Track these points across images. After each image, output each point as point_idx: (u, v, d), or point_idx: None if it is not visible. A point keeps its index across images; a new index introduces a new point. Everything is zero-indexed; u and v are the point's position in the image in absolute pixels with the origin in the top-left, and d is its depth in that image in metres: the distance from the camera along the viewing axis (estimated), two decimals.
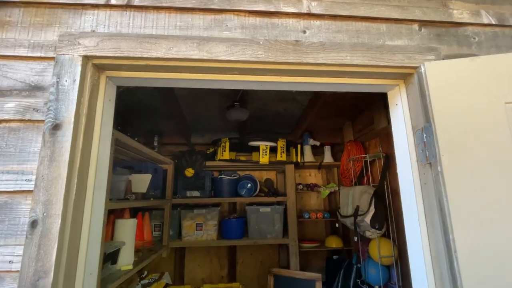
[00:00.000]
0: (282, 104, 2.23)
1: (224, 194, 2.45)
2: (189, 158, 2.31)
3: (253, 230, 2.37)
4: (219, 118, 2.54)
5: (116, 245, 1.32)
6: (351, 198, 1.86)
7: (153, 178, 2.00)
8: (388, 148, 2.01)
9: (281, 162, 2.31)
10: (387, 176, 1.96)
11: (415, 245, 0.74)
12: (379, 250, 1.77)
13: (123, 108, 2.25)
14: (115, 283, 1.23)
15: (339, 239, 2.67)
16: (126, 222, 1.50)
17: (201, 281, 2.82)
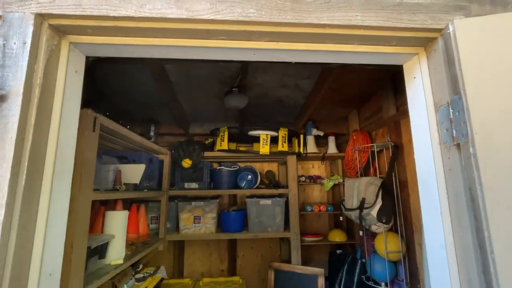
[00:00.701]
0: (284, 90, 2.10)
1: (223, 186, 2.35)
2: (186, 149, 2.21)
3: (253, 223, 2.28)
4: (218, 107, 2.43)
5: (104, 239, 1.24)
6: (357, 190, 1.75)
7: (148, 169, 1.91)
8: (397, 137, 1.88)
9: (282, 152, 2.20)
10: (395, 167, 1.84)
11: (435, 245, 0.63)
12: (386, 245, 1.66)
13: (116, 97, 2.15)
14: (101, 279, 1.14)
15: (342, 232, 2.57)
16: (116, 214, 1.41)
17: (200, 275, 2.76)
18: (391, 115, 1.90)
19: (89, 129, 1.06)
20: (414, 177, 1.80)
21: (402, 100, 1.85)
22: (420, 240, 1.68)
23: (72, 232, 0.96)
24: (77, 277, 0.97)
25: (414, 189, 1.75)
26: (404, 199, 1.81)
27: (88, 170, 1.05)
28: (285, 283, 2.12)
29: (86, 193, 1.03)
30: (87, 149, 1.04)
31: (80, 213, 1.00)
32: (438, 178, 0.62)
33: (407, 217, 1.78)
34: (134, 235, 1.80)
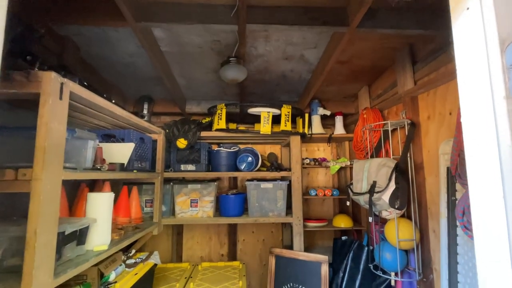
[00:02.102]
0: (288, 63, 1.89)
1: (222, 169, 2.20)
2: (181, 128, 2.04)
3: (253, 208, 2.15)
4: (215, 84, 2.23)
5: (83, 223, 1.11)
6: (367, 173, 1.58)
7: (139, 149, 1.76)
8: (414, 114, 1.68)
9: (285, 132, 2.02)
10: (410, 148, 1.65)
11: (494, 242, 0.47)
12: (398, 233, 1.51)
13: (105, 70, 1.97)
14: (79, 267, 1.02)
15: (348, 218, 2.43)
16: (99, 196, 1.27)
17: (200, 259, 2.68)
18: (408, 90, 1.69)
19: (54, 96, 0.89)
20: (432, 158, 1.63)
21: (421, 72, 1.64)
22: (435, 227, 1.53)
23: (35, 217, 0.82)
24: (44, 267, 0.84)
25: (431, 172, 1.57)
26: (419, 183, 1.64)
27: (55, 145, 0.89)
28: (287, 270, 2.02)
29: (52, 172, 0.88)
30: (53, 120, 0.88)
31: (46, 195, 0.85)
32: (501, 149, 0.44)
33: (422, 203, 1.62)
34: (125, 219, 1.69)
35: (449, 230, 1.28)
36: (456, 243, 1.26)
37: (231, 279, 2.10)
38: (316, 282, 1.90)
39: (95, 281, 1.32)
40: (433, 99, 1.57)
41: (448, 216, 1.29)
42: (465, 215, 1.07)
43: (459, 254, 1.24)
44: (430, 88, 1.57)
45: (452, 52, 0.53)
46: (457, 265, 1.25)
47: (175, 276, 2.18)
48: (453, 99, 1.41)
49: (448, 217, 1.29)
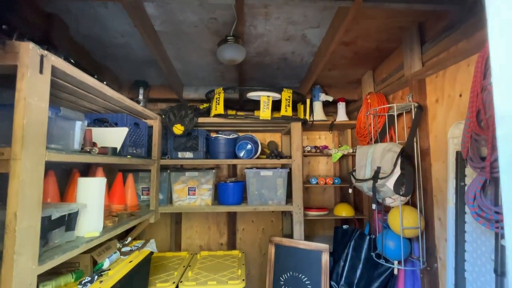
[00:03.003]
0: (289, 45, 1.80)
1: (220, 156, 2.14)
2: (177, 113, 1.97)
3: (252, 196, 2.09)
4: (213, 68, 2.15)
5: (71, 208, 1.05)
6: (371, 158, 1.51)
7: (134, 134, 1.69)
8: (421, 98, 1.60)
9: (286, 118, 1.94)
10: (417, 133, 1.58)
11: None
12: (402, 220, 1.45)
13: (96, 52, 1.88)
14: (67, 253, 0.97)
15: (350, 207, 2.38)
16: (89, 181, 1.21)
17: (199, 248, 2.66)
18: (415, 72, 1.61)
19: (33, 69, 0.82)
20: (439, 143, 1.55)
21: (429, 52, 1.55)
22: (441, 215, 1.47)
23: (14, 199, 0.76)
24: (26, 252, 0.78)
25: (437, 157, 1.51)
26: (425, 169, 1.58)
27: (35, 123, 0.82)
28: (286, 259, 1.98)
29: (33, 152, 0.82)
30: (32, 95, 0.81)
31: (26, 176, 0.79)
32: None
33: (427, 190, 1.56)
34: (120, 206, 1.63)
35: (457, 217, 1.22)
36: (464, 231, 1.20)
37: (230, 267, 2.07)
38: (317, 271, 1.86)
39: (88, 269, 1.28)
40: (442, 81, 1.48)
41: (456, 202, 1.23)
42: (476, 200, 1.01)
43: (467, 241, 1.19)
44: (439, 70, 1.48)
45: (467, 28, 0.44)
46: (464, 253, 1.19)
47: (173, 265, 2.15)
48: (464, 80, 1.33)
49: (456, 204, 1.23)
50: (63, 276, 1.15)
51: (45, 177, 1.25)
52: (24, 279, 0.78)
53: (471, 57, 1.29)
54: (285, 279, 1.95)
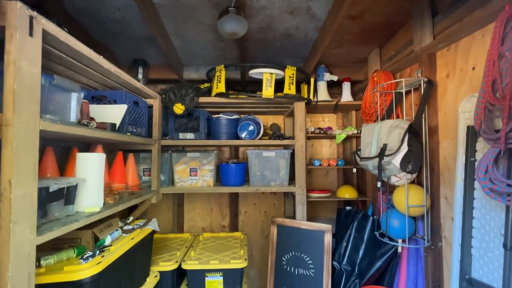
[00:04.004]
0: (293, 19, 1.72)
1: (222, 137, 2.10)
2: (177, 92, 1.92)
3: (255, 177, 2.07)
4: (214, 46, 2.07)
5: (69, 181, 1.03)
6: (377, 136, 1.47)
7: (133, 113, 1.65)
8: (431, 73, 1.54)
9: (289, 96, 1.88)
10: (425, 109, 1.53)
11: None
12: (408, 198, 1.42)
13: (93, 28, 1.81)
14: (67, 226, 0.95)
15: (353, 189, 2.36)
16: (88, 156, 1.19)
17: (201, 230, 2.67)
18: (426, 46, 1.53)
19: (22, 31, 0.77)
20: (448, 120, 1.49)
21: (441, 24, 1.47)
22: (447, 193, 1.44)
23: (8, 166, 0.73)
24: (23, 221, 0.76)
25: (446, 135, 1.46)
26: (433, 147, 1.53)
27: (27, 88, 0.78)
28: (289, 239, 1.98)
29: (26, 119, 0.78)
30: (23, 59, 0.77)
31: (20, 143, 0.76)
32: None
33: (434, 168, 1.52)
34: (121, 185, 1.62)
35: (465, 194, 1.19)
36: (473, 207, 1.17)
37: (232, 248, 2.08)
38: (319, 251, 1.86)
39: (89, 245, 1.27)
40: (454, 54, 1.41)
41: (465, 179, 1.20)
42: (487, 174, 0.97)
43: (475, 218, 1.16)
44: (451, 42, 1.41)
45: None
46: (472, 229, 1.17)
47: (176, 246, 2.16)
48: (478, 52, 1.26)
49: (465, 180, 1.20)
50: (65, 251, 1.14)
51: (43, 153, 1.24)
52: (22, 248, 0.76)
53: (486, 27, 1.21)
54: (287, 259, 1.96)
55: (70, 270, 1.02)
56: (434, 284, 1.50)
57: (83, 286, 1.02)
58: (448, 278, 1.42)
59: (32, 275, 0.80)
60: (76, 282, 1.00)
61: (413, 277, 1.64)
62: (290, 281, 1.90)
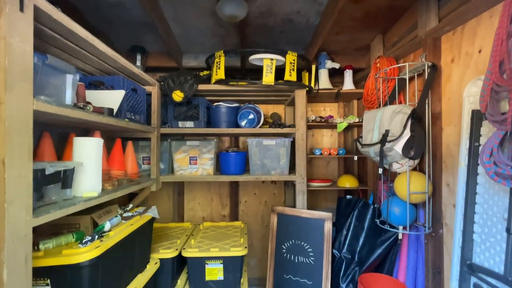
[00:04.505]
0: (294, 3, 1.67)
1: (221, 125, 2.08)
2: (176, 79, 1.88)
3: (255, 166, 2.06)
4: (213, 32, 2.03)
5: (66, 165, 1.01)
6: (379, 122, 1.44)
7: (132, 99, 1.63)
8: (435, 58, 1.50)
9: (290, 83, 1.85)
10: (429, 95, 1.49)
11: None
12: (409, 185, 1.41)
13: (90, 13, 1.76)
14: (64, 209, 0.94)
15: (353, 178, 2.34)
16: (85, 140, 1.17)
17: (201, 219, 2.68)
18: (431, 29, 1.49)
19: (12, 5, 0.74)
20: (452, 106, 1.46)
21: (447, 7, 1.43)
22: (449, 180, 1.42)
23: (1, 145, 0.72)
24: (18, 202, 0.75)
25: (449, 121, 1.43)
26: (435, 134, 1.51)
27: (19, 66, 0.76)
28: (289, 228, 1.98)
29: (19, 98, 0.76)
30: (13, 35, 0.74)
31: (13, 122, 0.74)
32: None
33: (437, 155, 1.50)
34: (120, 172, 1.61)
35: (468, 179, 1.17)
36: (475, 192, 1.15)
37: (232, 237, 2.08)
38: (319, 238, 1.86)
39: (88, 230, 1.27)
40: (460, 37, 1.37)
41: (469, 164, 1.18)
42: (492, 157, 0.94)
43: (477, 203, 1.15)
44: (457, 25, 1.37)
45: None
46: (474, 215, 1.15)
47: (176, 234, 2.17)
48: (485, 34, 1.22)
49: (469, 166, 1.18)
50: (64, 236, 1.14)
51: (40, 139, 1.22)
52: (18, 229, 0.75)
53: (494, 7, 1.17)
54: (287, 247, 1.96)
55: (68, 254, 1.01)
56: (434, 271, 1.50)
57: (81, 270, 1.01)
58: (448, 265, 1.42)
59: (29, 256, 0.79)
60: (75, 265, 0.99)
61: (413, 264, 1.64)
62: (290, 269, 1.91)
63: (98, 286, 1.09)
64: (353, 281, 1.80)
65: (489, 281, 1.05)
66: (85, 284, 1.03)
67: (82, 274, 1.02)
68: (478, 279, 1.11)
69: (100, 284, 1.09)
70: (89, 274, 1.03)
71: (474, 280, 1.13)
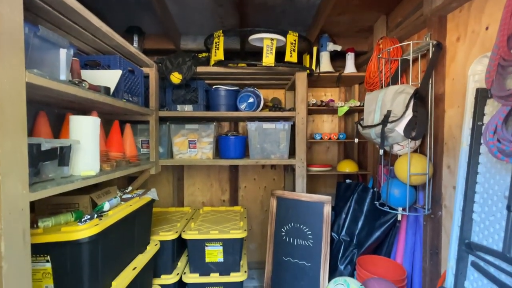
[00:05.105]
0: None
1: (221, 109, 2.05)
2: (174, 60, 1.84)
3: (254, 150, 2.04)
4: (212, 12, 1.97)
5: (62, 141, 0.99)
6: (381, 102, 1.41)
7: (129, 80, 1.60)
8: (440, 37, 1.46)
9: (290, 64, 1.81)
10: (433, 76, 1.46)
11: None
12: (410, 167, 1.40)
13: None
14: (61, 186, 0.93)
15: (353, 163, 2.34)
16: (82, 119, 1.15)
17: (201, 204, 2.69)
18: (437, 7, 1.44)
19: None
20: (456, 87, 1.43)
21: None
22: (450, 162, 1.41)
23: None
24: (13, 175, 0.74)
25: (452, 103, 1.41)
26: (438, 116, 1.49)
27: (9, 35, 0.73)
28: (288, 211, 1.99)
29: (10, 69, 0.73)
30: (2, 4, 0.71)
31: (5, 95, 0.72)
32: None
33: (438, 137, 1.48)
34: (118, 153, 1.59)
35: (470, 159, 1.16)
36: (477, 172, 1.14)
37: (232, 220, 2.09)
38: (318, 222, 1.87)
39: (87, 210, 1.27)
40: (466, 15, 1.33)
41: (471, 144, 1.16)
42: (496, 133, 0.93)
43: (478, 183, 1.14)
44: (465, 1, 1.32)
45: None
46: (474, 194, 1.15)
47: (176, 218, 2.18)
48: (494, 9, 1.18)
49: (471, 145, 1.16)
50: (63, 215, 1.14)
51: (36, 117, 1.20)
52: (14, 202, 0.74)
53: None
54: (286, 230, 1.97)
55: (68, 231, 1.01)
56: (431, 252, 1.51)
57: (81, 246, 1.01)
58: (446, 246, 1.43)
59: (26, 231, 0.78)
60: (74, 242, 0.99)
61: (411, 246, 1.66)
62: (289, 251, 1.93)
63: (98, 263, 1.09)
64: (352, 263, 1.82)
65: (487, 258, 1.06)
66: (85, 261, 1.03)
67: (81, 251, 1.02)
68: (476, 257, 1.11)
69: (100, 261, 1.10)
70: (89, 251, 1.04)
71: (472, 259, 1.14)
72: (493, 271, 1.04)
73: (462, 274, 1.17)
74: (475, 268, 1.12)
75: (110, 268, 1.20)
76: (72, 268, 1.03)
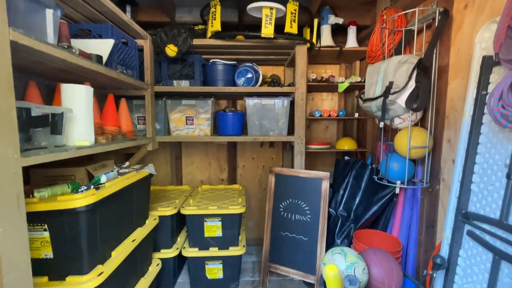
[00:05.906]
0: None
1: (218, 84, 2.00)
2: (169, 32, 1.77)
3: (253, 127, 2.01)
4: None
5: (53, 108, 0.96)
6: (383, 74, 1.37)
7: (121, 52, 1.53)
8: (447, 4, 1.39)
9: (290, 36, 1.74)
10: (438, 45, 1.41)
11: None
12: (410, 140, 1.38)
13: None
14: (54, 154, 0.91)
15: (352, 140, 2.33)
16: (74, 87, 1.11)
17: (200, 183, 2.70)
18: None
19: None
20: (461, 57, 1.38)
21: None
22: (451, 136, 1.40)
23: None
24: (3, 138, 0.71)
25: (456, 74, 1.37)
26: (440, 88, 1.46)
27: None
28: (286, 187, 1.99)
29: None
30: None
31: None
32: None
33: (440, 110, 1.46)
34: (114, 127, 1.56)
35: (472, 129, 1.14)
36: (478, 142, 1.13)
37: (231, 197, 2.11)
38: (316, 197, 1.88)
39: (84, 182, 1.25)
40: None
41: (474, 114, 1.14)
42: (501, 99, 0.90)
43: (479, 153, 1.13)
44: None
45: None
46: (474, 165, 1.14)
47: (175, 196, 2.19)
48: None
49: (474, 116, 1.14)
50: (59, 186, 1.12)
51: (27, 87, 1.15)
52: (6, 166, 0.72)
53: None
54: (284, 206, 1.99)
55: (64, 199, 1.00)
56: (427, 225, 1.53)
57: (78, 215, 1.01)
58: (442, 219, 1.45)
59: (20, 195, 0.77)
60: (72, 210, 0.99)
61: (407, 220, 1.68)
62: (287, 227, 1.96)
63: (96, 233, 1.09)
64: (348, 237, 1.86)
65: (483, 227, 1.07)
66: (83, 230, 1.03)
67: (79, 219, 1.01)
68: (472, 226, 1.12)
69: (98, 231, 1.10)
70: (87, 220, 1.03)
71: (468, 228, 1.15)
72: (488, 239, 1.05)
73: (457, 243, 1.18)
74: (470, 237, 1.13)
75: (109, 238, 1.21)
76: (70, 237, 1.03)
